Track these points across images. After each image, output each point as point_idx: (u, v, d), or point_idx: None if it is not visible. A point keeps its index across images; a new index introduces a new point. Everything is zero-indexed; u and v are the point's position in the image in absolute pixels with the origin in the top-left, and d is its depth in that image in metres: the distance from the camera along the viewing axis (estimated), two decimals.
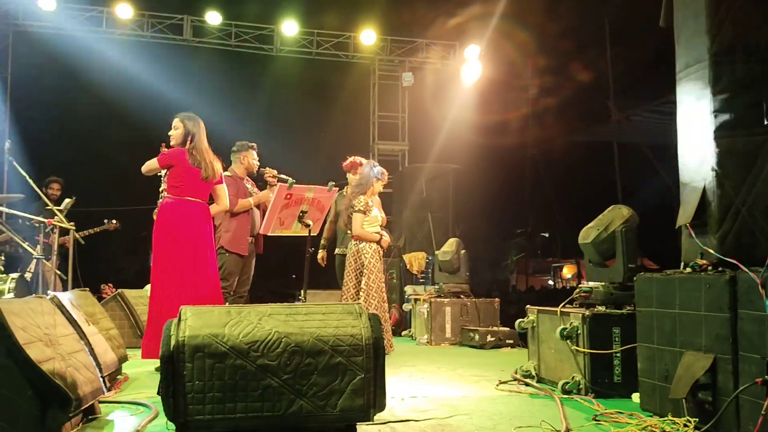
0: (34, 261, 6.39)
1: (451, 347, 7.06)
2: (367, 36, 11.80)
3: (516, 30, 12.34)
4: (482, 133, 12.98)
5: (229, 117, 12.31)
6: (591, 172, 15.85)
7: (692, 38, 3.38)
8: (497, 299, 7.62)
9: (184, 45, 11.39)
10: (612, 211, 4.35)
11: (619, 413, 3.39)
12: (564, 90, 13.97)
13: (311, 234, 5.42)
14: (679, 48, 3.53)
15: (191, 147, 4.86)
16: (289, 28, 11.52)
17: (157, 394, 2.59)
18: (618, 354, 3.94)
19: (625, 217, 4.21)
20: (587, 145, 16.10)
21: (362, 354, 2.68)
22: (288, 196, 5.40)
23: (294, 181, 5.53)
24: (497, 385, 4.37)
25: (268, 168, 5.92)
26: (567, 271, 26.32)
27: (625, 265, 4.14)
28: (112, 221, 7.85)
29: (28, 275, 6.49)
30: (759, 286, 2.73)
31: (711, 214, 3.19)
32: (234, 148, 5.92)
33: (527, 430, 3.12)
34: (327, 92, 12.91)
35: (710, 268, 3.12)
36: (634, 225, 4.21)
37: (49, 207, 6.12)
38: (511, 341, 6.80)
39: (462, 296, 7.46)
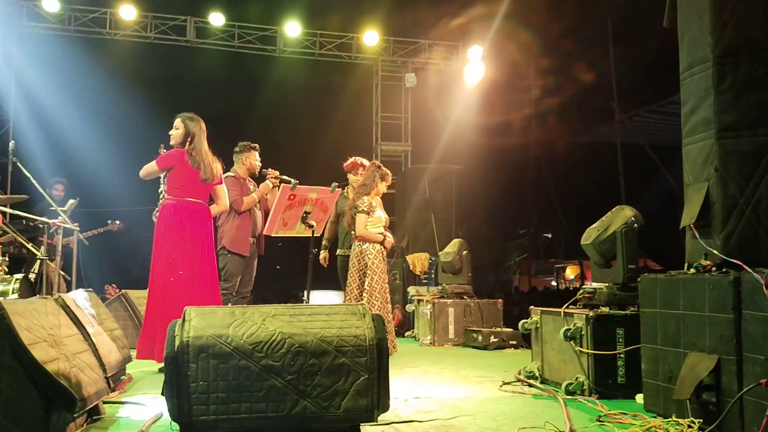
0: (39, 262, 6.40)
1: (454, 348, 7.06)
2: (370, 37, 11.81)
3: (519, 30, 12.33)
4: (485, 134, 12.97)
5: (232, 118, 12.33)
6: (594, 173, 15.81)
7: (696, 38, 3.37)
8: (500, 300, 7.62)
9: (188, 46, 11.41)
10: (616, 212, 4.34)
11: (623, 414, 3.39)
12: (567, 90, 13.95)
13: (314, 235, 5.42)
14: (683, 48, 3.52)
15: (191, 148, 4.87)
16: (292, 29, 11.53)
17: (161, 395, 2.60)
18: (622, 355, 3.93)
19: (627, 218, 4.20)
20: (590, 146, 16.08)
21: (366, 355, 2.68)
22: (291, 197, 5.41)
23: (297, 182, 5.54)
24: (501, 386, 4.37)
25: (271, 169, 5.93)
26: (570, 272, 26.28)
27: (625, 266, 4.14)
28: (116, 222, 7.87)
29: (33, 276, 6.50)
30: (763, 287, 2.72)
31: (715, 215, 3.18)
32: (236, 149, 5.93)
33: (531, 431, 3.12)
34: (330, 93, 12.91)
35: (714, 269, 3.11)
36: (636, 226, 4.19)
37: (53, 208, 6.13)
38: (515, 342, 6.79)
39: (465, 297, 7.45)
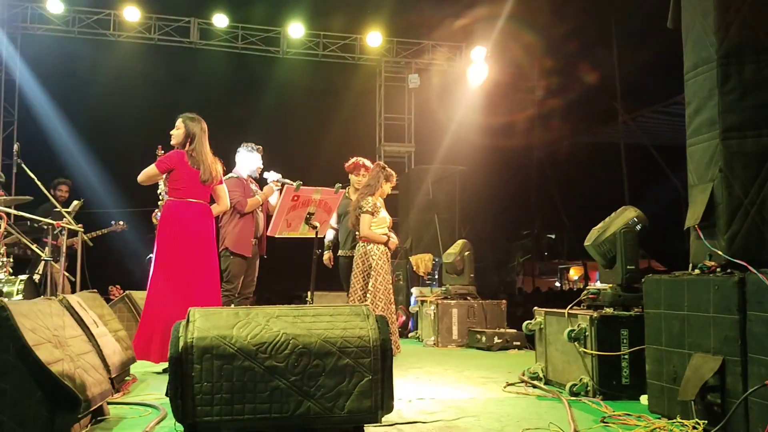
0: (43, 263, 6.42)
1: (458, 349, 7.05)
2: (373, 38, 11.81)
3: (522, 31, 12.33)
4: (488, 135, 12.96)
5: (235, 118, 12.34)
6: (598, 174, 15.79)
7: (700, 39, 3.37)
8: (504, 301, 7.61)
9: (191, 47, 11.43)
10: (619, 213, 4.34)
11: (628, 415, 3.38)
12: (570, 91, 13.94)
13: (318, 236, 5.43)
14: (687, 49, 3.52)
15: (191, 149, 4.88)
16: (296, 31, 11.54)
17: (166, 396, 2.60)
18: (626, 356, 3.93)
19: (628, 219, 4.20)
20: (594, 147, 16.06)
21: (370, 356, 2.68)
22: (295, 198, 5.41)
23: (301, 183, 5.54)
24: (504, 387, 4.37)
25: (273, 172, 5.94)
26: (573, 273, 26.25)
27: (623, 267, 4.14)
28: (119, 223, 7.88)
29: (37, 277, 6.52)
30: None
31: (719, 216, 3.17)
32: (239, 149, 5.94)
33: None
34: (333, 94, 12.91)
35: (719, 270, 3.10)
36: (639, 227, 4.18)
37: (58, 209, 6.14)
38: (518, 343, 6.79)
39: (468, 298, 7.45)
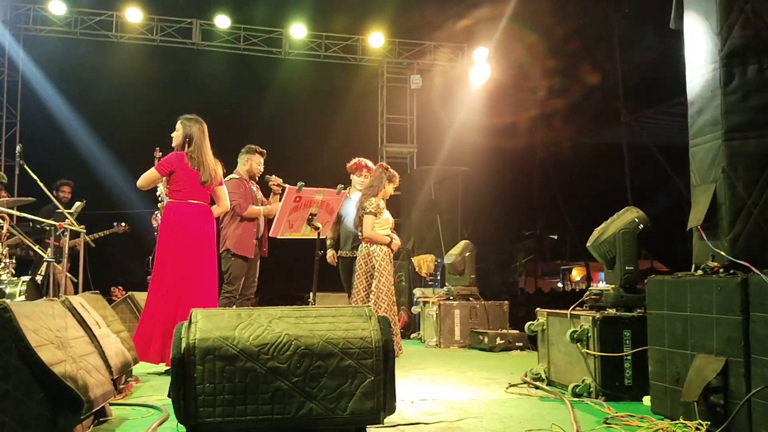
0: (45, 264, 6.42)
1: (460, 350, 7.05)
2: (375, 39, 11.82)
3: (524, 32, 12.33)
4: (491, 135, 12.95)
5: (237, 119, 12.35)
6: (600, 174, 15.77)
7: (703, 39, 3.36)
8: (506, 302, 7.60)
9: (193, 48, 11.45)
10: (621, 213, 4.34)
11: (630, 416, 3.37)
12: (573, 92, 13.93)
13: (320, 237, 5.42)
14: (690, 49, 3.51)
15: (190, 150, 4.90)
16: (298, 32, 11.55)
17: (168, 397, 2.60)
18: (629, 357, 3.92)
19: (629, 220, 4.20)
20: (596, 147, 16.04)
21: (372, 357, 2.68)
22: (297, 199, 5.40)
23: (303, 184, 5.54)
24: (507, 388, 4.36)
25: (273, 176, 5.95)
26: (576, 274, 26.21)
27: (622, 268, 4.14)
28: (122, 224, 7.89)
29: (39, 278, 6.52)
30: None
31: (722, 216, 3.17)
32: (243, 150, 5.95)
33: None
34: (335, 95, 12.92)
35: (721, 271, 3.10)
36: (641, 227, 4.18)
37: (60, 210, 6.15)
38: (521, 344, 6.78)
39: (471, 299, 7.45)
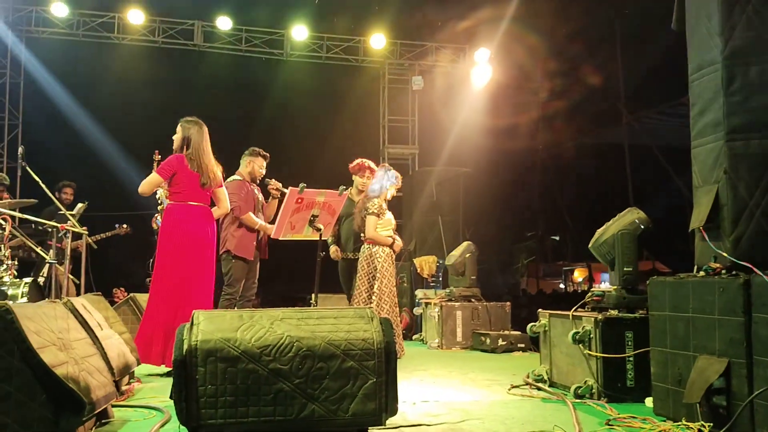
0: (47, 265, 6.42)
1: (462, 351, 7.04)
2: (377, 40, 11.82)
3: (526, 33, 12.32)
4: (492, 137, 12.95)
5: (239, 121, 12.35)
6: (602, 175, 15.77)
7: (705, 40, 3.36)
8: (508, 303, 7.60)
9: (195, 50, 11.46)
10: (623, 215, 4.34)
11: (633, 418, 3.37)
12: (574, 93, 13.92)
13: (322, 238, 5.42)
14: (692, 50, 3.51)
15: (189, 152, 4.92)
16: (299, 33, 11.56)
17: (170, 398, 2.60)
18: (631, 358, 3.91)
19: (629, 221, 4.21)
20: (598, 148, 16.03)
21: (374, 358, 2.68)
22: (299, 200, 5.40)
23: (305, 185, 5.54)
24: (509, 390, 4.36)
25: (274, 180, 5.95)
26: (578, 275, 26.19)
27: (620, 269, 4.14)
28: (123, 225, 7.90)
29: (41, 280, 6.53)
30: None
31: (724, 218, 3.17)
32: (246, 152, 5.95)
33: None
34: (337, 96, 12.92)
35: (724, 272, 3.10)
36: (636, 229, 4.18)
37: (62, 211, 6.16)
38: (523, 345, 6.77)
39: (473, 300, 7.44)
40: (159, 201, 5.18)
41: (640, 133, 14.07)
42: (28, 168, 5.95)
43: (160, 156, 5.08)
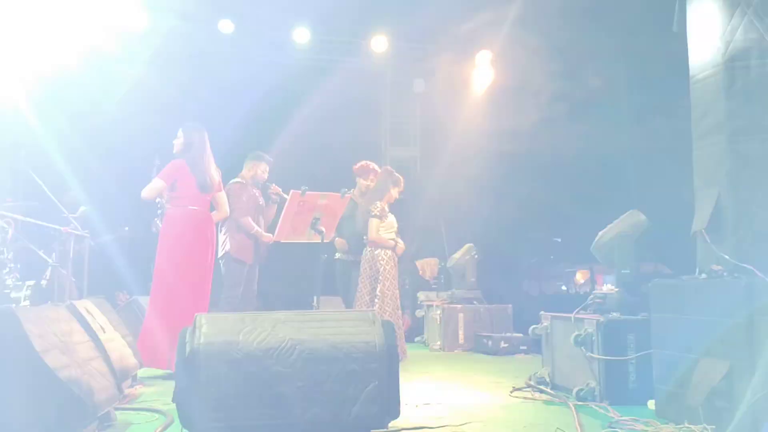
0: (50, 269, 6.44)
1: (465, 353, 7.04)
2: (379, 42, 11.82)
3: (528, 35, 12.31)
4: (495, 139, 12.93)
5: (241, 124, 12.35)
6: (604, 177, 15.75)
7: (706, 43, 3.37)
8: (510, 305, 7.59)
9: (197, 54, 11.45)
10: (624, 217, 4.35)
11: (635, 420, 3.36)
12: (576, 95, 13.91)
13: (324, 241, 5.43)
14: (693, 53, 3.52)
15: (190, 157, 4.94)
16: (301, 36, 11.56)
17: (172, 401, 2.61)
18: (633, 360, 3.91)
19: (627, 223, 4.22)
20: (601, 150, 16.01)
21: (376, 361, 2.68)
22: (301, 203, 5.41)
23: (307, 188, 5.54)
24: (511, 392, 4.36)
25: (274, 185, 5.97)
26: (580, 277, 26.16)
27: (618, 271, 4.15)
28: (125, 228, 7.90)
29: (44, 283, 6.53)
30: None
31: (726, 220, 3.17)
32: (250, 155, 5.96)
33: None
34: (339, 99, 12.91)
35: (725, 274, 3.10)
36: (635, 231, 4.18)
37: (65, 215, 6.16)
38: (525, 347, 6.76)
39: (475, 302, 7.44)
40: (158, 205, 5.19)
41: (643, 135, 14.06)
42: (31, 171, 5.97)
43: (159, 161, 5.09)
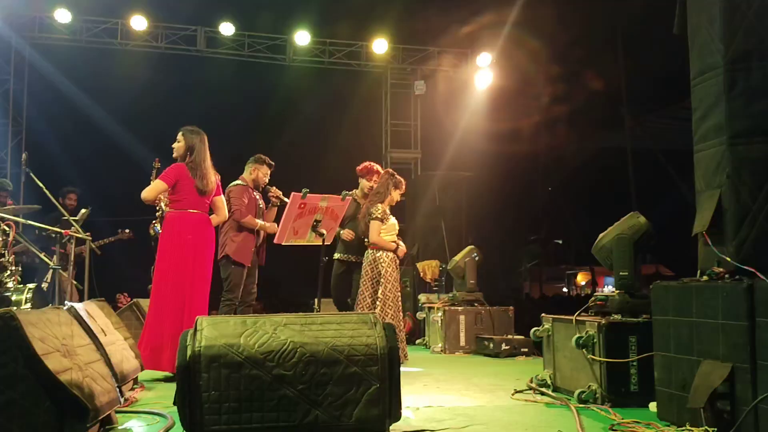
0: (51, 271, 6.44)
1: (466, 356, 7.04)
2: (379, 45, 11.83)
3: (528, 37, 12.32)
4: (495, 141, 12.94)
5: (242, 126, 12.37)
6: (605, 179, 15.77)
7: (707, 45, 3.36)
8: (511, 307, 7.59)
9: (198, 56, 11.48)
10: (625, 219, 4.34)
11: (636, 423, 3.36)
12: (577, 97, 13.93)
13: (325, 243, 5.43)
14: (694, 54, 3.51)
15: (190, 160, 4.96)
16: (302, 38, 11.58)
17: (173, 404, 2.61)
18: (634, 363, 3.91)
19: (627, 226, 4.22)
20: (601, 152, 16.04)
21: (377, 364, 2.68)
22: (302, 206, 5.41)
23: (308, 191, 5.55)
24: (513, 395, 4.36)
25: (274, 188, 5.97)
26: (581, 279, 26.18)
27: (616, 274, 4.15)
28: (126, 231, 7.91)
29: (45, 285, 6.55)
30: None
31: (728, 222, 3.16)
32: (251, 158, 5.97)
33: None
34: (339, 101, 12.92)
35: (727, 276, 3.09)
36: (634, 233, 4.18)
37: (66, 217, 6.17)
38: (526, 350, 6.76)
39: (476, 304, 7.44)
40: (158, 208, 5.20)
41: (643, 137, 14.07)
42: (32, 174, 5.97)
43: (160, 164, 5.10)
